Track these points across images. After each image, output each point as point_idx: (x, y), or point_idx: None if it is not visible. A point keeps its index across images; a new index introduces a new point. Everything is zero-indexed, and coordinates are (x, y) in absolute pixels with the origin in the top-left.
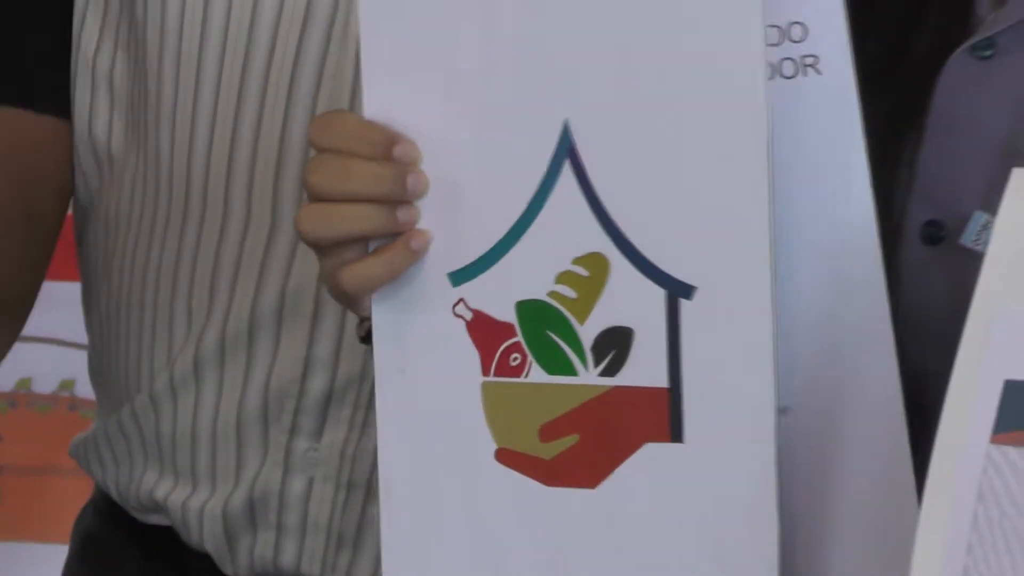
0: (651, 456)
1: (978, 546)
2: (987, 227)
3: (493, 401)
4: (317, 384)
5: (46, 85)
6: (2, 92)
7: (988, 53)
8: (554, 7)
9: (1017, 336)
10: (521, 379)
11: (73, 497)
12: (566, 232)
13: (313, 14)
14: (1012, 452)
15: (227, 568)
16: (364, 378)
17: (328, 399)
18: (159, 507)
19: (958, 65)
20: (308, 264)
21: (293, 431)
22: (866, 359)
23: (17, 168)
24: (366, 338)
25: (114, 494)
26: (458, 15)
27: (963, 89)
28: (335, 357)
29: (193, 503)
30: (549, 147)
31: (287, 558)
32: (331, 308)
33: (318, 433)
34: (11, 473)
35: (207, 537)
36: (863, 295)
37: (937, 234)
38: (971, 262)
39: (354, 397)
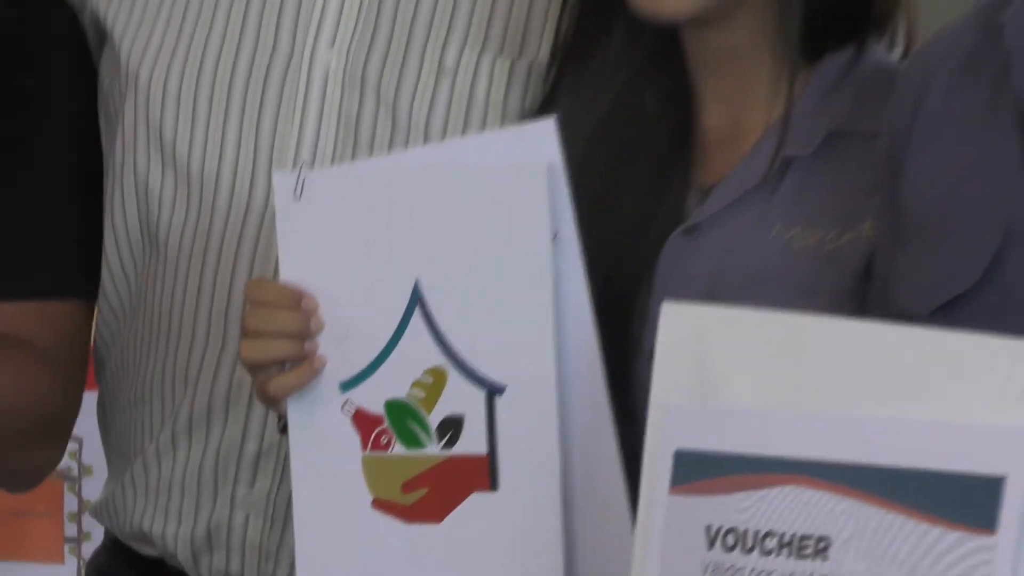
0: (477, 500)
1: (667, 568)
2: None
3: (369, 468)
4: (251, 447)
5: (85, 276)
6: (59, 287)
7: (695, 235)
8: (405, 209)
9: (679, 419)
10: (388, 453)
11: (44, 532)
12: (417, 353)
13: (251, 212)
14: (683, 499)
15: None
16: (280, 444)
17: (258, 458)
18: (148, 538)
19: (674, 243)
20: (244, 369)
21: (236, 481)
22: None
23: (70, 340)
24: (283, 429)
25: (119, 534)
26: (342, 214)
27: (677, 259)
28: (263, 429)
29: (169, 532)
30: (405, 297)
31: (234, 569)
32: None
33: (252, 482)
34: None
35: (180, 556)
36: (589, 413)
37: None
38: None
39: (275, 456)
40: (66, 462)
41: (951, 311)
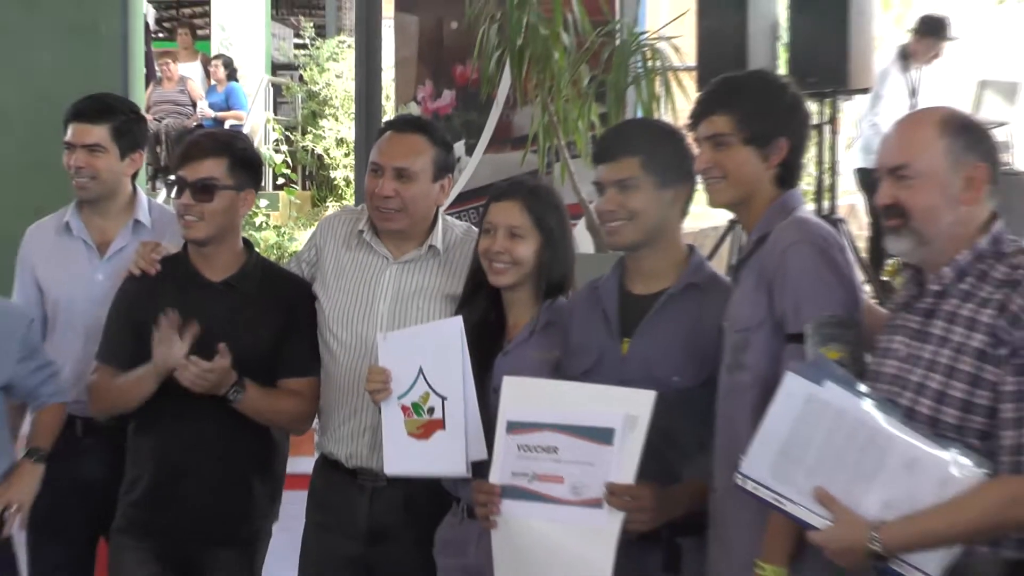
0: (439, 433)
1: (503, 458)
2: None
3: (407, 423)
4: (365, 425)
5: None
6: (313, 370)
7: (506, 355)
8: (414, 344)
9: (510, 412)
10: (411, 418)
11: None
12: (420, 388)
13: (368, 351)
14: (511, 436)
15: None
16: (376, 421)
17: (366, 428)
18: (332, 454)
19: (499, 359)
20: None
21: (361, 435)
22: None
23: (315, 392)
24: (379, 412)
25: (323, 451)
26: (397, 346)
27: (500, 363)
28: (369, 419)
29: (339, 452)
30: (416, 371)
31: (361, 464)
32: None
33: (366, 434)
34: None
35: (343, 459)
36: (473, 409)
37: None
38: None
39: (374, 427)
40: None
41: (583, 379)
